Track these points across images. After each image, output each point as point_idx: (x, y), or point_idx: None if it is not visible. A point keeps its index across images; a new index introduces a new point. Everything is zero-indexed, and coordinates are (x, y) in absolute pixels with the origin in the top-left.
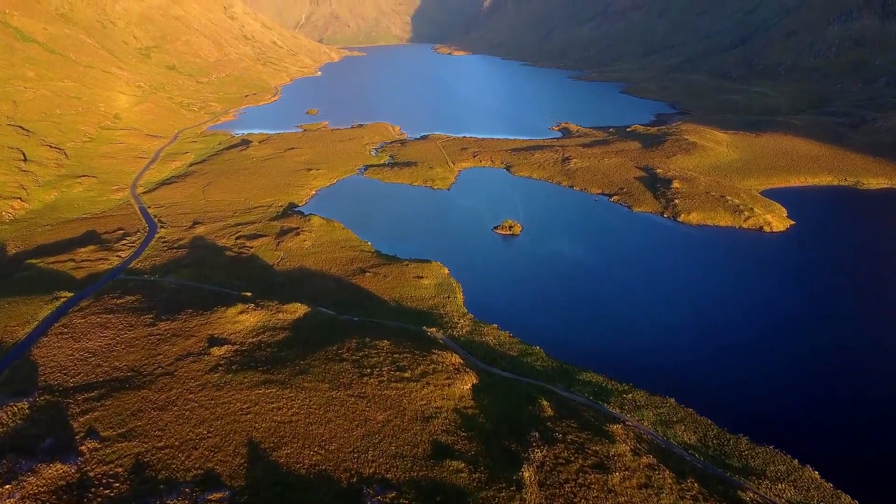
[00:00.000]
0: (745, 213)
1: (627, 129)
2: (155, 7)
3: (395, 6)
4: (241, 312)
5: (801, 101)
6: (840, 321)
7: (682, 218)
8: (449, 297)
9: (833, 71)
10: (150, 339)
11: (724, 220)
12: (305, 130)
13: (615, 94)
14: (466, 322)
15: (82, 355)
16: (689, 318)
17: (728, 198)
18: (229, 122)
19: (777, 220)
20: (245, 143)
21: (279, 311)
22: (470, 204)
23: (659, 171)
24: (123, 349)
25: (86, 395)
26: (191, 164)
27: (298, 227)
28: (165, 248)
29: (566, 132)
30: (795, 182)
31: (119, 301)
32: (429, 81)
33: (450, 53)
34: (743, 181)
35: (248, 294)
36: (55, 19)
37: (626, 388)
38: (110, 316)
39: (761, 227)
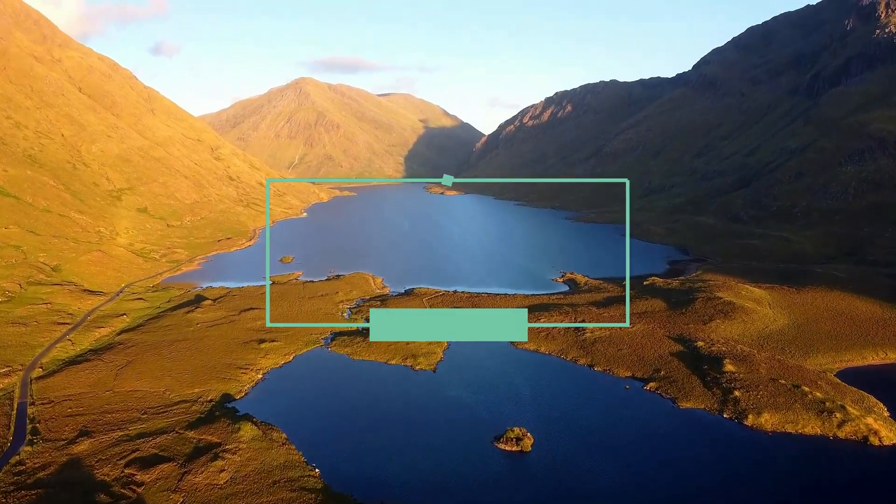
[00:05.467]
0: (837, 414)
1: (645, 283)
2: (135, 149)
3: (388, 147)
4: None
5: (828, 247)
6: None
7: (749, 421)
8: None
9: (855, 214)
10: None
11: (810, 425)
12: (273, 283)
13: (617, 237)
14: None
15: None
16: None
17: (805, 388)
18: (191, 273)
19: (884, 427)
20: (199, 300)
21: None
22: (462, 396)
23: (700, 343)
24: None
25: None
26: (121, 332)
27: (220, 444)
28: (12, 487)
29: (573, 285)
30: (874, 359)
31: None
32: (418, 223)
33: (442, 193)
34: (808, 358)
35: None
36: (21, 161)
37: None
38: None
39: (865, 438)
